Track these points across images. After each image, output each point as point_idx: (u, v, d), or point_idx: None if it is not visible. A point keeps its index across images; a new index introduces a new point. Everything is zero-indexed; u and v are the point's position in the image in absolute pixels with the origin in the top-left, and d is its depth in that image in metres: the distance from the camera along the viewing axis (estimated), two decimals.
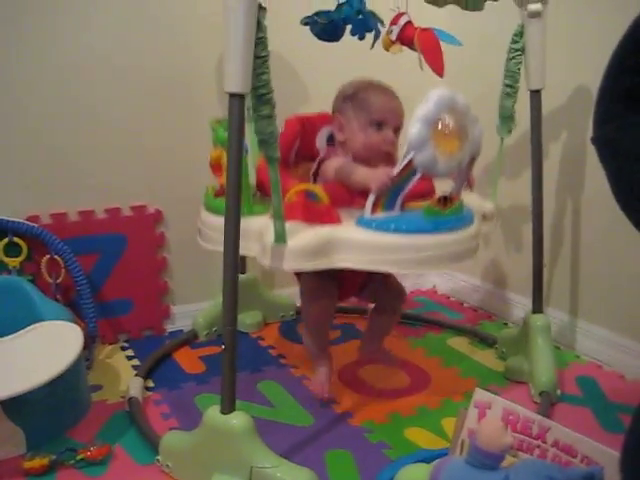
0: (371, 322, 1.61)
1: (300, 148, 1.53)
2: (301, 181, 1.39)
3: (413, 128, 1.19)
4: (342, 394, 1.58)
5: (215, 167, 1.43)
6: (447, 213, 1.27)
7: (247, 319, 1.94)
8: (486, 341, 1.87)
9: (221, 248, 1.18)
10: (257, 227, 1.27)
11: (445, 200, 1.27)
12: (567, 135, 1.79)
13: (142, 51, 1.78)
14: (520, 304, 1.96)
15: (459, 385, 1.62)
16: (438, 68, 1.38)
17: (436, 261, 1.25)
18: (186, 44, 1.82)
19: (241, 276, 1.86)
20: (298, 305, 2.00)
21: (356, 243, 1.23)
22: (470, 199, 1.47)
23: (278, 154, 1.19)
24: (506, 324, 2.01)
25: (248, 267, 1.95)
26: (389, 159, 1.42)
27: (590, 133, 0.85)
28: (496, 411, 1.11)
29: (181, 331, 1.92)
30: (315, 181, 1.44)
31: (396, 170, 1.22)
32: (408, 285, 2.30)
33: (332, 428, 1.44)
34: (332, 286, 1.47)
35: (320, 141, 1.52)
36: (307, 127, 1.53)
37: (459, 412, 1.15)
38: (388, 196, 1.24)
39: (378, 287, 1.55)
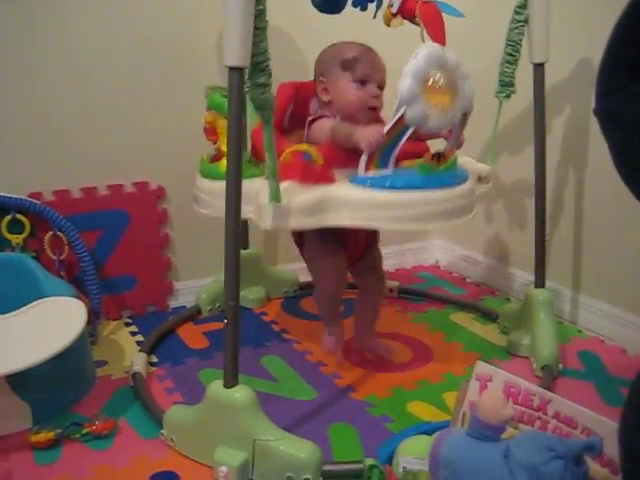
0: (357, 312, 1.61)
1: (294, 114, 1.52)
2: (296, 143, 1.38)
3: (403, 83, 1.19)
4: (345, 368, 1.59)
5: (209, 131, 1.44)
6: (441, 169, 1.27)
7: (250, 294, 1.95)
8: (489, 316, 1.87)
9: (218, 213, 1.19)
10: (253, 189, 1.26)
11: (439, 156, 1.28)
12: (570, 109, 1.78)
13: (142, 29, 1.77)
14: (522, 279, 1.97)
15: (461, 359, 1.63)
16: (440, 39, 1.36)
17: (430, 217, 1.26)
18: (186, 21, 1.80)
19: (243, 252, 1.86)
20: (301, 281, 2.01)
21: (351, 201, 1.24)
22: (466, 161, 1.48)
23: (272, 117, 1.20)
24: (508, 299, 2.02)
25: (251, 242, 1.96)
26: (377, 117, 1.43)
27: (593, 106, 0.85)
28: (497, 383, 1.12)
29: (184, 307, 1.93)
30: (309, 142, 1.42)
31: (387, 127, 1.22)
32: (411, 260, 2.32)
33: (335, 402, 1.45)
34: (337, 246, 1.46)
35: (313, 107, 1.52)
36: (301, 93, 1.52)
37: (461, 385, 1.16)
38: (381, 154, 1.24)
39: (367, 270, 1.56)
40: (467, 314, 1.91)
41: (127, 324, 1.84)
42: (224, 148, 1.32)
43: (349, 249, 1.49)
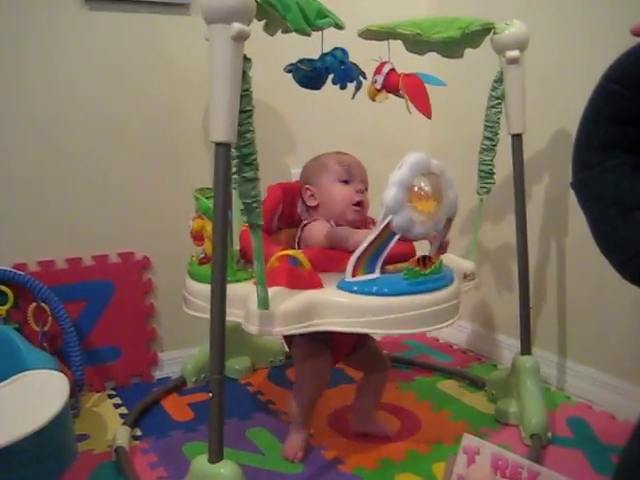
0: (359, 394, 1.61)
1: (282, 214, 1.58)
2: (284, 247, 1.42)
3: (389, 192, 1.21)
4: (332, 440, 1.57)
5: (197, 237, 1.46)
6: (427, 273, 1.29)
7: (236, 365, 1.93)
8: (476, 384, 1.87)
9: (207, 315, 1.20)
10: (241, 293, 1.28)
11: (425, 260, 1.30)
12: (549, 178, 1.82)
13: (128, 102, 1.80)
14: (509, 346, 1.97)
15: (450, 429, 1.61)
16: (425, 110, 1.41)
17: (417, 322, 1.27)
18: (171, 96, 1.84)
19: (229, 322, 1.86)
20: (287, 350, 1.99)
21: (338, 306, 1.25)
22: (449, 259, 1.50)
23: (262, 220, 1.21)
24: (495, 366, 2.01)
25: None
26: (362, 213, 1.50)
27: (570, 180, 0.87)
28: (485, 457, 1.11)
29: (169, 378, 1.91)
30: (300, 246, 1.47)
31: (374, 233, 1.24)
32: None
33: (323, 475, 1.43)
34: (325, 349, 1.48)
35: (301, 208, 1.57)
36: (288, 194, 1.58)
37: (448, 458, 1.15)
38: (368, 259, 1.26)
39: (365, 358, 1.57)
40: (455, 382, 1.90)
41: (110, 396, 1.81)
42: (210, 252, 1.35)
43: (337, 348, 1.50)
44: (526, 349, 1.65)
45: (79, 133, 1.76)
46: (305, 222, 1.50)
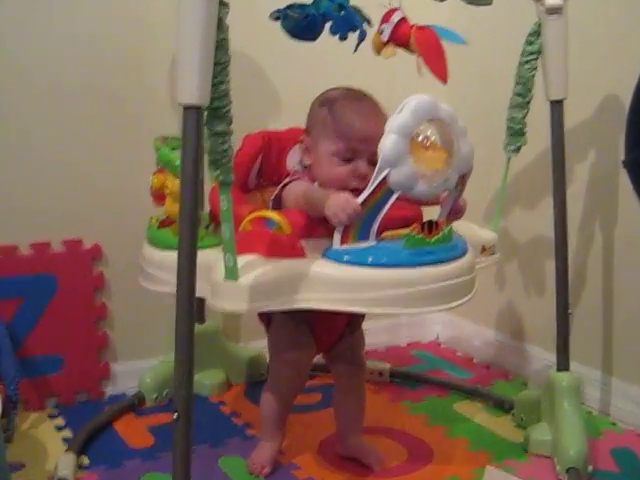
0: (338, 411, 1.61)
1: (266, 170, 1.57)
2: (261, 208, 1.42)
3: (387, 140, 1.22)
4: (323, 473, 1.57)
5: (157, 196, 1.46)
6: (433, 242, 1.29)
7: (206, 379, 1.94)
8: (501, 405, 1.87)
9: (167, 289, 1.20)
10: (207, 262, 1.27)
11: (430, 226, 1.29)
12: (595, 155, 1.82)
13: (70, 56, 1.80)
14: (542, 360, 1.97)
15: (468, 460, 1.60)
16: (440, 72, 1.41)
17: (421, 299, 1.27)
18: (126, 47, 1.85)
19: (199, 326, 1.87)
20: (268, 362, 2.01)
21: (324, 279, 1.25)
22: (466, 228, 1.51)
23: (231, 177, 1.22)
24: (525, 384, 2.03)
25: (208, 314, 1.96)
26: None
27: (623, 152, 0.88)
28: None
29: (124, 395, 1.92)
30: (277, 208, 1.45)
31: (367, 191, 1.24)
32: (405, 336, 2.33)
33: None
34: (307, 334, 1.49)
35: (291, 162, 1.56)
36: (274, 145, 1.57)
37: None
38: (360, 223, 1.26)
39: (349, 349, 1.57)
40: (474, 403, 1.91)
41: (52, 416, 1.82)
42: (174, 211, 1.35)
43: (322, 335, 1.52)
44: (563, 364, 1.65)
45: (6, 94, 1.76)
46: (287, 180, 1.48)
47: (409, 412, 1.86)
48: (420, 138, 1.24)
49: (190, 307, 1.18)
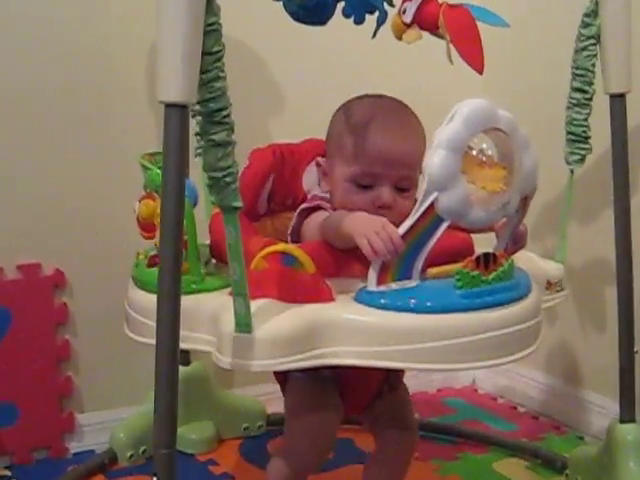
0: (372, 467, 1.57)
1: (278, 192, 1.56)
2: (276, 240, 1.39)
3: (434, 157, 1.19)
4: None
5: (146, 226, 1.43)
6: (491, 280, 1.25)
7: (192, 433, 1.93)
8: (552, 464, 1.87)
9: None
10: (211, 309, 1.26)
11: (487, 260, 1.25)
12: None
13: (28, 51, 1.81)
14: (601, 409, 1.98)
15: None
16: (476, 60, 1.39)
17: (479, 351, 1.23)
18: (96, 36, 1.86)
19: (184, 369, 1.85)
20: (270, 412, 2.00)
21: (358, 328, 1.21)
22: (525, 259, 1.49)
23: (239, 201, 1.18)
24: (582, 438, 2.03)
25: (194, 354, 1.94)
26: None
27: None
28: None
29: (92, 452, 1.92)
30: (296, 241, 1.43)
31: (410, 221, 1.22)
32: (436, 380, 2.31)
33: None
34: (333, 395, 1.46)
35: (308, 181, 1.55)
36: (287, 161, 1.56)
37: None
38: (402, 258, 1.23)
39: (389, 412, 1.54)
40: (519, 461, 1.91)
41: (3, 478, 1.81)
42: None
43: (353, 395, 1.48)
44: (628, 414, 1.64)
45: None
46: (306, 205, 1.45)
47: (440, 473, 1.86)
48: (474, 153, 1.22)
49: (173, 346, 1.16)
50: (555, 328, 2.09)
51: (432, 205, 1.20)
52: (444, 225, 1.22)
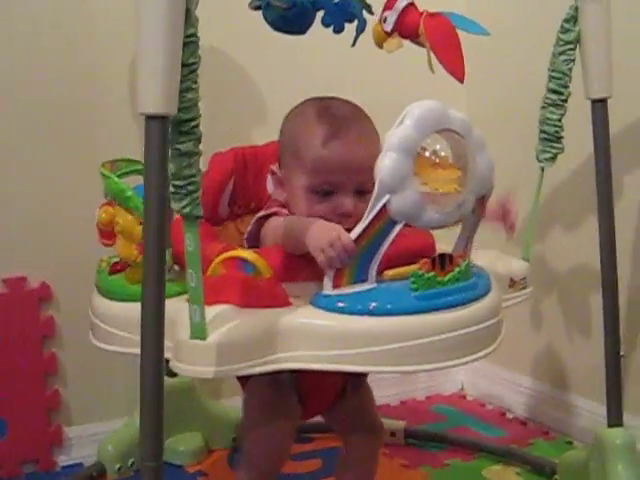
0: (340, 471, 1.58)
1: (242, 195, 1.57)
2: (234, 245, 1.40)
3: (385, 159, 1.19)
4: None
5: (105, 234, 1.42)
6: (447, 281, 1.26)
7: (180, 445, 1.93)
8: (541, 470, 1.87)
9: (122, 348, 1.19)
10: (169, 316, 1.22)
11: (443, 261, 1.26)
12: None
13: (11, 60, 1.82)
14: (589, 412, 1.98)
15: None
16: (456, 69, 1.40)
17: (437, 352, 1.24)
18: (78, 48, 1.86)
19: (170, 381, 1.84)
20: None
21: (314, 332, 1.22)
22: (490, 257, 1.51)
23: (200, 210, 1.17)
24: (570, 443, 2.02)
25: None
26: None
27: None
28: None
29: (80, 465, 1.92)
30: (254, 246, 1.43)
31: (364, 223, 1.22)
32: (423, 387, 2.32)
33: None
34: (288, 397, 1.45)
35: (271, 185, 1.53)
36: (250, 164, 1.57)
37: None
38: (357, 261, 1.23)
39: (352, 414, 1.54)
40: (508, 467, 1.90)
41: None
42: (128, 253, 1.34)
43: (313, 396, 1.49)
44: (615, 418, 1.63)
45: None
46: (262, 213, 1.45)
47: None
48: (427, 154, 1.22)
49: (159, 358, 1.16)
50: (541, 333, 2.09)
51: (384, 208, 1.20)
52: (397, 227, 1.22)
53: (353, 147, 1.38)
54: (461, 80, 1.39)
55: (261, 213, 1.45)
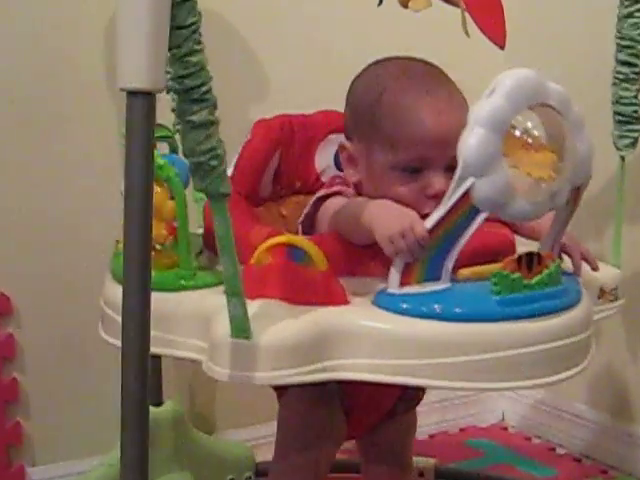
0: None
1: (287, 172, 1.56)
2: (282, 230, 1.38)
3: (471, 137, 1.15)
4: None
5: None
6: (535, 284, 1.23)
7: None
8: None
9: None
10: (203, 310, 1.25)
11: (530, 261, 1.23)
12: None
13: None
14: None
15: None
16: (496, 33, 1.39)
17: (518, 368, 1.20)
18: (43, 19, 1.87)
19: (155, 410, 1.81)
20: (259, 460, 1.97)
21: (374, 337, 1.19)
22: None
23: (227, 186, 1.14)
24: None
25: (167, 391, 1.91)
26: None
27: None
28: None
29: None
30: (309, 232, 1.42)
31: (440, 212, 1.19)
32: (459, 417, 2.32)
33: None
34: (334, 415, 1.44)
35: (323, 160, 1.55)
36: (298, 135, 1.56)
37: None
38: (428, 256, 1.22)
39: (396, 435, 1.55)
40: None
41: None
42: (155, 233, 1.29)
43: (361, 414, 1.48)
44: None
45: None
46: (324, 192, 1.43)
47: None
48: (518, 133, 1.18)
49: (142, 380, 1.10)
50: (601, 350, 2.06)
51: (467, 193, 1.17)
52: (480, 217, 1.19)
53: (446, 117, 1.35)
54: (502, 47, 1.38)
55: (321, 192, 1.43)
